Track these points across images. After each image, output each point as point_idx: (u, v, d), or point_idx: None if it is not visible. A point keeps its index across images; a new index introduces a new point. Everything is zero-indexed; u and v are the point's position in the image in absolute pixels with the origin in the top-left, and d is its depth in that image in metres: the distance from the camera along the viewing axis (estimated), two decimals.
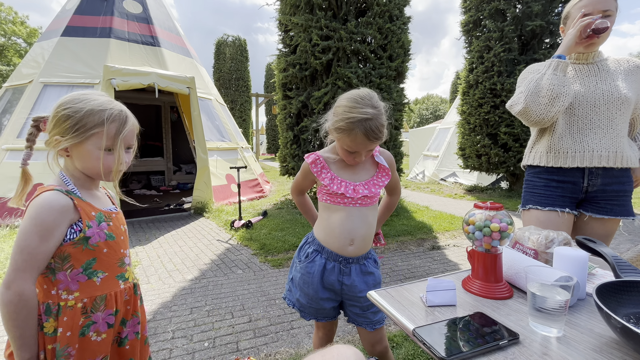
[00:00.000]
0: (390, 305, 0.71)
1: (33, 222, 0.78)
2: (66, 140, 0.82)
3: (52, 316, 0.82)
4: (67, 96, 0.86)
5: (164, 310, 2.22)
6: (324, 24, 4.73)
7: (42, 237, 0.78)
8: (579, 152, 1.36)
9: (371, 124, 0.96)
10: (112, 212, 0.95)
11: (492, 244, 0.73)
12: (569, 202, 1.43)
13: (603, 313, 0.53)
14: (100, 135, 0.83)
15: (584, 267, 0.71)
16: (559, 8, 6.27)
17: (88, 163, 0.85)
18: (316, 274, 1.13)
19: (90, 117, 0.82)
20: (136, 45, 5.74)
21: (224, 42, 21.13)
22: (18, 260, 0.77)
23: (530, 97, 1.34)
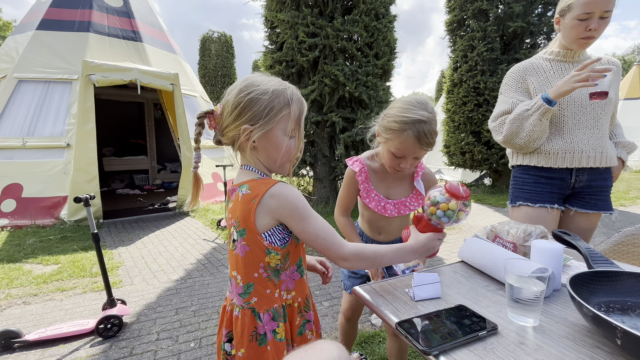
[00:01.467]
0: (374, 300, 0.72)
1: (300, 203, 0.73)
2: (258, 128, 0.73)
3: (280, 320, 0.78)
4: (242, 82, 0.77)
5: (148, 311, 2.17)
6: (311, 21, 4.70)
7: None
8: (569, 153, 1.38)
9: (424, 127, 0.94)
10: None
11: (442, 220, 0.78)
12: (557, 197, 1.45)
13: (576, 302, 0.55)
14: (287, 117, 0.75)
15: (559, 259, 0.73)
16: (538, 9, 6.45)
17: (275, 153, 0.76)
18: None
19: (277, 98, 0.74)
20: (117, 40, 5.56)
21: (209, 38, 20.74)
22: (328, 232, 0.73)
23: (510, 135, 1.42)
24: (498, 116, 1.50)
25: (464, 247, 0.92)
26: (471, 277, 0.82)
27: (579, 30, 1.31)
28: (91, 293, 2.46)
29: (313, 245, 0.73)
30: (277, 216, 0.73)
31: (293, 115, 0.75)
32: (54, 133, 4.49)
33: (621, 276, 0.65)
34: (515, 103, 1.44)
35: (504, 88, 1.53)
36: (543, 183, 1.45)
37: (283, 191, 0.72)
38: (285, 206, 0.72)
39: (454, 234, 4.07)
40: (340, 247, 0.73)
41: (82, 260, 3.06)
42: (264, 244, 0.75)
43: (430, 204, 0.78)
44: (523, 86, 1.47)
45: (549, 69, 1.43)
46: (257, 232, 0.74)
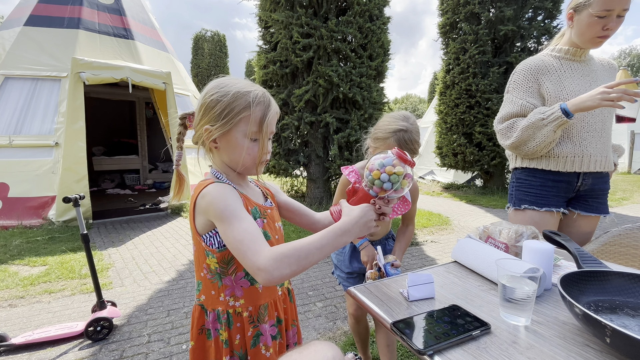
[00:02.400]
0: (369, 301, 0.72)
1: (225, 205, 0.69)
2: (216, 129, 0.74)
3: (222, 325, 0.77)
4: (211, 83, 0.78)
5: (139, 313, 2.14)
6: (305, 21, 4.71)
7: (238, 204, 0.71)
8: (578, 157, 1.34)
9: (405, 135, 1.08)
10: (268, 207, 0.86)
11: (384, 187, 0.69)
12: (562, 201, 1.43)
13: (566, 302, 0.56)
14: (247, 120, 0.74)
15: (550, 259, 0.75)
16: (529, 14, 6.58)
17: (235, 154, 0.76)
18: (346, 254, 1.36)
19: (238, 100, 0.74)
20: (107, 37, 5.46)
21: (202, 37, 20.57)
22: (245, 238, 0.65)
23: (519, 142, 1.37)
24: (505, 118, 1.43)
25: (457, 248, 0.93)
26: (464, 278, 0.83)
27: (596, 28, 1.23)
28: (80, 295, 2.41)
29: (233, 254, 0.68)
30: (208, 217, 0.73)
31: (254, 118, 0.74)
32: (42, 131, 4.39)
33: (609, 276, 0.66)
34: (525, 105, 1.38)
35: (512, 87, 1.44)
36: (549, 186, 1.41)
37: (212, 191, 0.72)
38: (211, 207, 0.71)
39: (446, 234, 4.11)
40: (255, 254, 0.63)
41: (70, 261, 3.00)
42: (202, 246, 0.76)
43: (375, 167, 0.70)
44: (534, 87, 1.39)
45: (559, 68, 1.37)
46: (197, 233, 0.76)
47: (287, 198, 0.97)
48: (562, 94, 1.34)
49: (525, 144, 1.36)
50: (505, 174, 7.19)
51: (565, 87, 1.34)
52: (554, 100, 1.35)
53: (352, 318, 1.44)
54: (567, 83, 1.35)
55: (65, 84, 4.54)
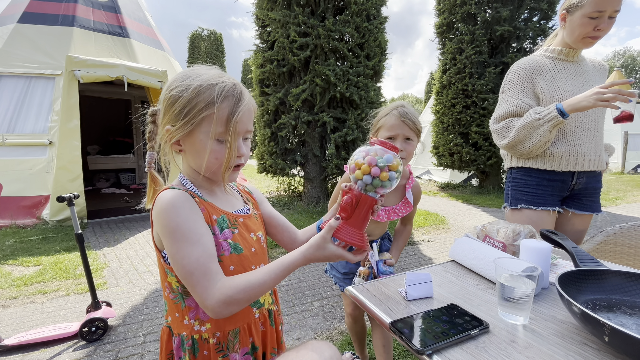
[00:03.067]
0: (367, 300, 0.71)
1: (172, 220, 0.62)
2: (177, 130, 0.65)
3: (186, 352, 0.69)
4: (176, 75, 0.69)
5: (135, 313, 2.12)
6: (302, 20, 4.69)
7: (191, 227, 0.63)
8: (573, 156, 1.36)
9: (404, 109, 1.13)
10: (241, 215, 0.76)
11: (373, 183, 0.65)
12: (557, 199, 1.45)
13: (565, 300, 0.56)
14: (210, 119, 0.64)
15: (547, 258, 0.75)
16: (524, 14, 6.61)
17: (199, 158, 0.66)
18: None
19: (200, 95, 0.64)
20: (103, 35, 5.41)
21: (198, 36, 20.47)
22: (196, 270, 0.60)
23: (515, 142, 1.38)
24: (501, 118, 1.44)
25: (455, 247, 0.93)
26: (462, 277, 0.83)
27: (588, 28, 1.26)
28: (75, 295, 2.38)
29: (180, 278, 0.62)
30: (157, 231, 0.65)
31: (219, 116, 0.64)
32: (35, 130, 4.33)
33: (607, 274, 0.66)
34: (520, 105, 1.39)
35: (506, 87, 1.46)
36: (545, 185, 1.43)
37: (163, 202, 0.63)
38: (159, 222, 0.62)
39: (443, 233, 4.13)
40: (203, 291, 0.59)
41: (64, 261, 2.96)
42: (162, 262, 0.69)
43: (370, 161, 0.65)
44: (529, 87, 1.40)
45: (553, 68, 1.39)
46: (157, 248, 0.69)
47: (271, 210, 0.88)
48: (556, 94, 1.35)
49: (521, 143, 1.38)
50: (501, 173, 7.24)
51: (559, 87, 1.36)
52: (549, 100, 1.36)
53: (349, 317, 1.44)
54: (561, 83, 1.37)
55: (59, 82, 4.49)
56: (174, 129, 0.66)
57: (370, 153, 0.66)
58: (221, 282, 0.61)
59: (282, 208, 5.28)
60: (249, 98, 0.69)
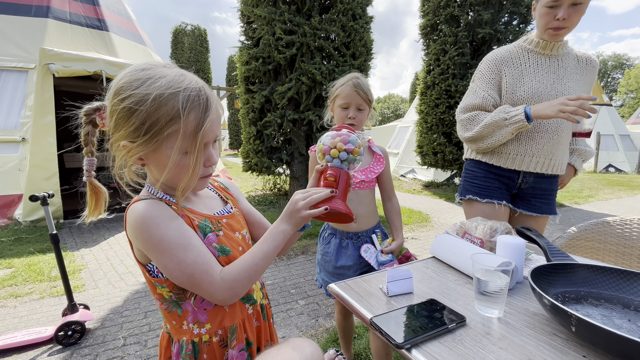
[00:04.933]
0: (349, 297, 0.72)
1: (153, 231, 0.58)
2: (138, 148, 0.58)
3: (186, 357, 0.67)
4: (124, 75, 0.59)
5: (114, 316, 2.06)
6: (288, 17, 4.67)
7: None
8: (520, 156, 1.36)
9: (357, 80, 1.20)
10: (223, 215, 0.73)
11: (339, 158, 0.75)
12: (507, 195, 1.44)
13: (536, 293, 0.59)
14: (176, 134, 0.57)
15: (521, 253, 0.78)
16: (505, 18, 6.81)
17: (168, 172, 0.60)
18: (332, 253, 1.28)
19: (162, 107, 0.56)
20: (80, 27, 5.21)
21: (182, 31, 20.00)
22: (197, 270, 0.59)
23: (478, 137, 1.38)
24: (467, 109, 1.43)
25: (435, 244, 0.95)
26: (442, 273, 0.85)
27: (548, 18, 1.22)
28: (50, 298, 2.29)
29: (180, 284, 0.62)
30: (139, 247, 0.62)
31: (186, 130, 0.57)
32: (6, 126, 4.13)
33: (576, 268, 0.70)
34: (487, 98, 1.38)
35: (477, 76, 1.45)
36: (492, 178, 1.43)
37: (138, 217, 0.58)
38: (140, 238, 0.58)
39: (426, 231, 4.21)
40: (209, 286, 0.60)
41: (39, 263, 2.84)
42: (148, 277, 0.65)
43: (343, 140, 0.75)
44: (496, 78, 1.38)
45: (525, 61, 1.35)
46: (139, 262, 0.66)
47: (248, 206, 0.87)
48: (518, 90, 1.33)
49: (482, 139, 1.38)
50: None
51: (524, 82, 1.33)
52: (509, 95, 1.34)
53: (339, 314, 1.45)
54: (527, 79, 1.33)
55: (32, 75, 4.29)
56: (133, 145, 0.59)
57: (340, 135, 0.75)
58: (223, 272, 0.63)
59: (268, 207, 5.25)
60: (216, 102, 0.63)
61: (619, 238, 1.41)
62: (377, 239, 1.21)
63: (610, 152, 11.28)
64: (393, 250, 1.20)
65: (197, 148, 0.59)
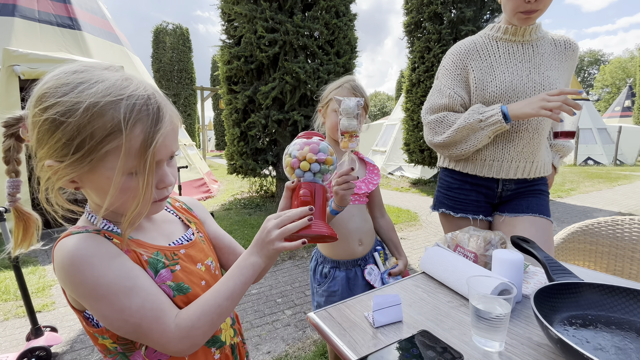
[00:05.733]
0: (330, 330, 0.63)
1: (87, 279, 0.48)
2: (67, 169, 0.47)
3: None
4: (50, 78, 0.48)
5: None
6: (269, 15, 4.54)
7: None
8: (497, 162, 1.20)
9: (355, 83, 1.13)
10: (181, 245, 0.62)
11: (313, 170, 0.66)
12: (484, 207, 1.27)
13: (542, 326, 0.51)
14: (117, 151, 0.47)
15: (519, 270, 0.70)
16: (486, 15, 6.87)
17: (110, 197, 0.49)
18: (341, 291, 1.09)
19: (97, 119, 0.45)
20: (49, 27, 4.95)
21: (163, 30, 19.46)
22: (145, 318, 0.49)
23: (450, 143, 1.21)
24: (434, 110, 1.26)
25: (426, 258, 0.87)
26: (433, 292, 0.77)
27: (517, 2, 1.06)
28: (15, 320, 2.12)
29: (124, 335, 0.52)
30: (70, 293, 0.51)
31: (130, 147, 0.47)
32: None
33: (581, 288, 0.63)
34: (453, 97, 1.21)
35: (441, 72, 1.28)
36: (467, 190, 1.27)
37: (59, 255, 0.49)
38: (64, 280, 0.49)
39: (415, 230, 4.18)
40: (161, 337, 0.50)
41: (4, 280, 2.64)
42: (86, 326, 0.54)
43: (312, 150, 0.65)
44: (463, 74, 1.22)
45: (494, 52, 1.18)
46: (74, 308, 0.55)
47: (216, 229, 0.75)
48: (489, 86, 1.16)
49: (455, 145, 1.22)
50: None
51: (496, 76, 1.16)
52: (479, 92, 1.18)
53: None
54: (499, 71, 1.16)
55: None
56: (61, 165, 0.47)
57: (308, 144, 0.65)
58: (178, 317, 0.53)
59: (255, 210, 5.11)
60: (171, 112, 0.53)
61: (610, 239, 1.37)
62: (379, 257, 1.11)
63: (588, 145, 11.60)
64: (401, 271, 1.10)
65: (147, 168, 0.49)
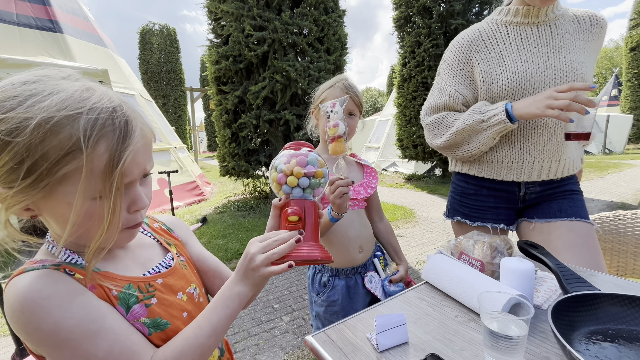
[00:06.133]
0: (331, 357, 0.58)
1: (44, 325, 0.41)
2: (19, 195, 0.41)
3: None
4: None
5: None
6: (257, 13, 4.44)
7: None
8: (517, 163, 1.06)
9: (347, 82, 1.07)
10: (159, 274, 0.55)
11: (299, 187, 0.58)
12: (505, 214, 1.13)
13: (565, 351, 0.46)
14: (77, 174, 0.41)
15: (531, 280, 0.66)
16: (475, 8, 6.86)
17: (62, 224, 0.44)
18: (341, 300, 1.04)
19: (50, 137, 0.39)
20: (29, 30, 4.79)
21: (149, 31, 19.12)
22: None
23: (450, 145, 1.12)
24: (433, 110, 1.16)
25: (429, 267, 0.82)
26: (439, 306, 0.72)
27: None
28: (3, 338, 2.03)
29: None
30: (24, 340, 0.45)
31: (92, 168, 0.41)
32: None
33: (599, 299, 0.58)
34: (454, 96, 1.10)
35: (442, 68, 1.16)
36: (485, 195, 1.14)
37: (10, 297, 0.42)
38: (16, 322, 0.42)
39: (411, 227, 4.15)
40: None
41: None
42: None
43: (300, 163, 0.58)
44: (466, 70, 1.09)
45: (503, 39, 1.03)
46: (32, 353, 0.48)
47: (201, 251, 0.68)
48: (499, 78, 1.01)
49: (457, 147, 1.12)
50: None
51: (506, 67, 1.00)
52: (487, 87, 1.04)
53: None
54: (510, 61, 1.00)
55: None
56: (10, 192, 0.40)
57: (295, 156, 0.58)
58: (154, 358, 0.47)
59: (249, 212, 5.04)
60: (142, 125, 0.47)
61: (613, 235, 1.34)
62: (379, 263, 1.06)
63: None
64: (402, 277, 1.05)
65: (114, 191, 0.43)
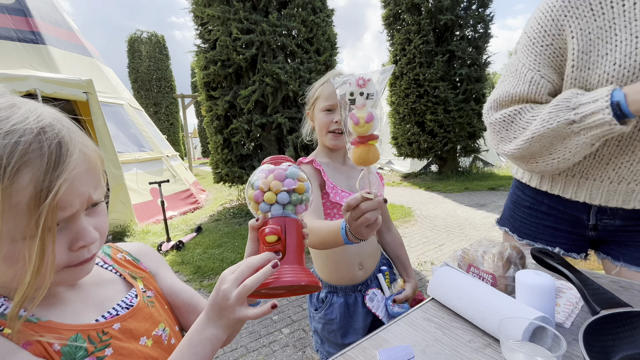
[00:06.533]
0: None
1: None
2: None
3: None
4: None
5: None
6: (244, 16, 4.36)
7: None
8: (593, 181, 0.80)
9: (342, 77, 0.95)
10: (116, 318, 0.47)
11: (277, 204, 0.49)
12: (566, 238, 0.91)
13: None
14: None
15: (551, 297, 0.59)
16: (464, 3, 6.84)
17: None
18: (339, 319, 0.97)
19: None
20: (10, 42, 4.68)
21: (138, 39, 18.95)
22: None
23: (525, 154, 0.80)
24: (505, 102, 0.82)
25: (434, 282, 0.74)
26: (449, 329, 0.64)
27: None
28: None
29: None
30: None
31: (13, 205, 0.35)
32: None
33: (634, 319, 0.51)
34: (541, 84, 0.76)
35: (521, 44, 0.80)
36: (543, 213, 0.93)
37: None
38: None
39: (410, 226, 4.08)
40: None
41: None
42: None
43: (278, 177, 0.50)
44: (556, 45, 0.74)
45: (617, 1, 0.66)
46: None
47: (173, 282, 0.60)
48: (605, 59, 0.68)
49: (534, 158, 0.79)
50: (457, 157, 7.49)
51: (614, 42, 0.67)
52: (579, 75, 0.72)
53: None
54: (623, 34, 0.66)
55: None
56: None
57: (272, 171, 0.51)
58: None
59: (245, 218, 4.94)
60: (82, 147, 0.40)
61: None
62: (384, 280, 0.96)
63: None
64: (408, 297, 0.96)
65: (41, 229, 0.35)
